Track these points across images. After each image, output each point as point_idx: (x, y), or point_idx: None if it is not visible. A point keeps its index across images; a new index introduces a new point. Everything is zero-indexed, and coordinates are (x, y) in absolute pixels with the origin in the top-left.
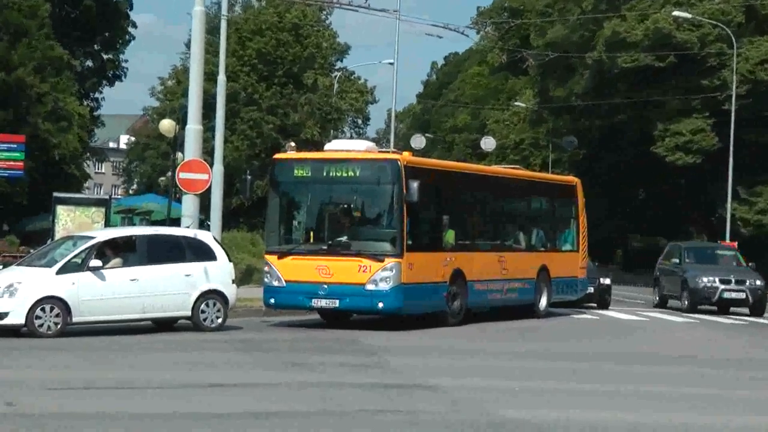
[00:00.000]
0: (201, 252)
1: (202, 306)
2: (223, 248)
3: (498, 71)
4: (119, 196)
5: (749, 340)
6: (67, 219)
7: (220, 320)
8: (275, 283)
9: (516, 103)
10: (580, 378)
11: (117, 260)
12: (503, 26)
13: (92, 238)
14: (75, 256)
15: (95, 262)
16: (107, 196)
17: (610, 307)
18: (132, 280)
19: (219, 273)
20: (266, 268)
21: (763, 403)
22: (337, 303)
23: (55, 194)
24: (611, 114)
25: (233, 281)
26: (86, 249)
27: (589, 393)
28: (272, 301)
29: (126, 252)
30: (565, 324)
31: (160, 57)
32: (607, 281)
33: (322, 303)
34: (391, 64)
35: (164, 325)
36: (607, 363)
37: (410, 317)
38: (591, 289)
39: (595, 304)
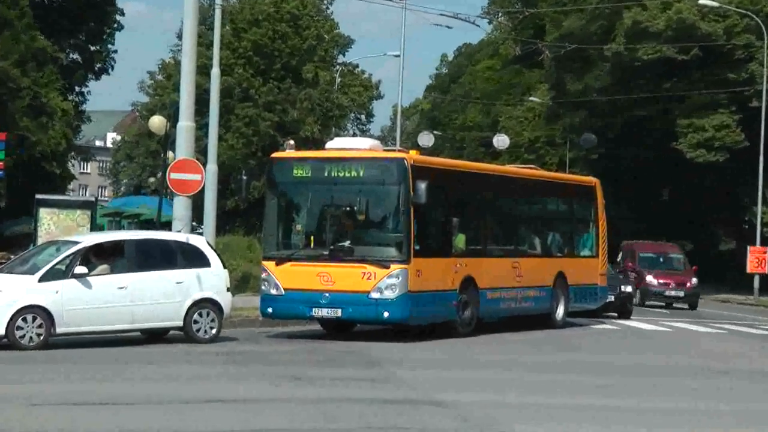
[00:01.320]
0: (193, 258)
1: (195, 315)
2: (218, 254)
3: (511, 64)
4: (106, 198)
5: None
6: (50, 222)
7: (214, 331)
8: (273, 292)
9: (530, 99)
10: (602, 393)
11: (104, 267)
12: (517, 16)
13: (77, 243)
14: (59, 263)
15: (80, 269)
16: (93, 198)
17: (632, 317)
18: (120, 288)
19: (213, 280)
20: (263, 275)
21: None
22: (339, 313)
23: (38, 196)
24: (632, 109)
25: (228, 289)
26: (71, 255)
27: (611, 409)
28: (270, 310)
29: (113, 258)
30: (584, 335)
31: (151, 49)
32: (629, 289)
33: (324, 312)
34: (397, 56)
35: (154, 336)
36: (630, 376)
37: (418, 328)
38: (611, 298)
39: (615, 314)
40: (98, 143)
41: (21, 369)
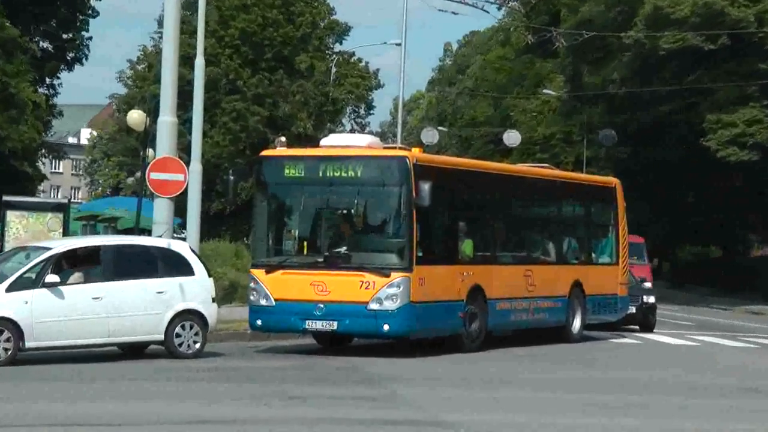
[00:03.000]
0: (176, 265)
1: (177, 328)
2: (202, 261)
3: (523, 54)
4: (80, 201)
5: None
6: (18, 227)
7: (198, 345)
8: (263, 302)
9: (544, 91)
10: (622, 413)
11: (78, 275)
12: (529, 1)
13: (48, 249)
14: (28, 271)
15: (52, 278)
16: (66, 200)
17: (655, 330)
18: (95, 298)
19: (197, 290)
20: (252, 285)
21: None
22: (335, 325)
23: (5, 197)
24: (654, 104)
25: (214, 300)
26: (41, 262)
27: (632, 430)
28: (259, 323)
29: (88, 266)
30: (602, 349)
31: (129, 36)
32: (652, 299)
33: (318, 325)
34: (399, 45)
35: (133, 351)
36: (653, 394)
37: (421, 342)
38: (633, 309)
39: (637, 327)
40: (71, 140)
41: None
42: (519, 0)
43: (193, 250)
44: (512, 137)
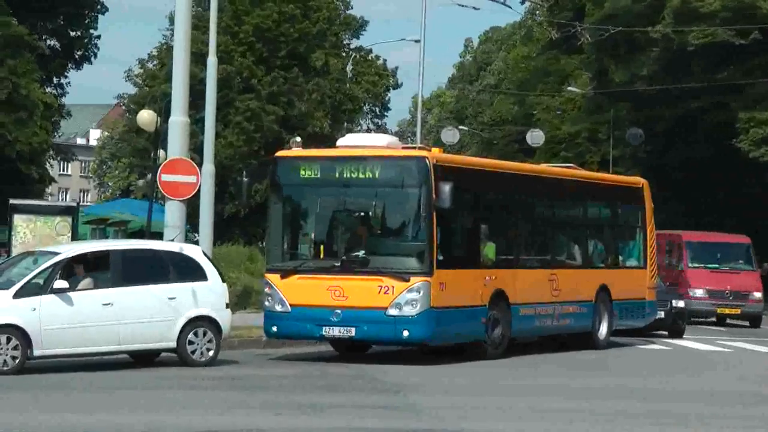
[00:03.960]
0: (188, 270)
1: (190, 336)
2: (216, 266)
3: (547, 50)
4: (89, 204)
5: None
6: (26, 231)
7: (211, 353)
8: (278, 308)
9: (569, 88)
10: (653, 423)
11: (87, 281)
12: None
13: (57, 254)
14: (36, 276)
15: (61, 283)
16: (74, 203)
17: (684, 336)
18: (105, 304)
19: (210, 296)
20: (267, 290)
21: None
22: (353, 332)
23: (12, 201)
24: (683, 101)
25: (227, 305)
26: (50, 267)
27: None
28: (274, 329)
29: (98, 271)
30: (631, 356)
31: (139, 34)
32: (681, 304)
33: (335, 332)
34: (417, 42)
35: (144, 359)
36: (685, 403)
37: (441, 349)
38: (661, 314)
39: (666, 332)
40: (80, 141)
41: None
42: None
43: (206, 255)
44: (535, 136)
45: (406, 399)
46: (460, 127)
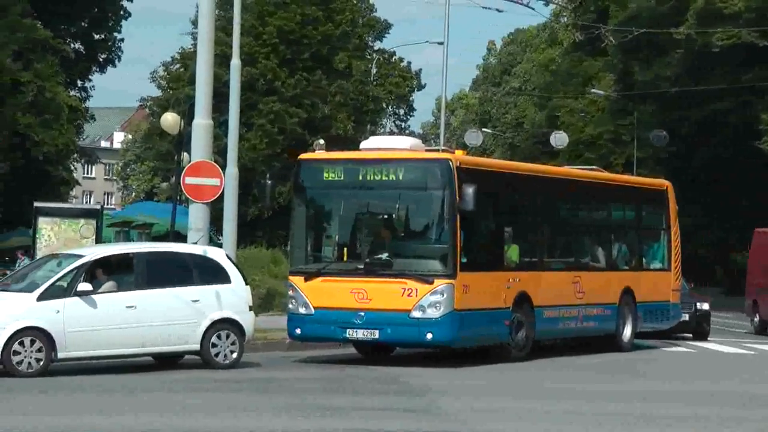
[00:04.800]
0: (211, 273)
1: (213, 338)
2: (239, 268)
3: (572, 52)
4: (113, 206)
5: None
6: (50, 234)
7: (234, 355)
8: (302, 311)
9: (593, 90)
10: (680, 426)
11: (110, 283)
12: None
13: (81, 256)
14: (60, 279)
15: (84, 286)
16: (98, 206)
17: (709, 338)
18: (128, 307)
19: (233, 298)
20: (290, 293)
21: None
22: (376, 334)
23: (37, 204)
24: (707, 103)
25: (251, 308)
26: (73, 270)
27: None
28: (298, 332)
29: (121, 273)
30: (655, 359)
31: (164, 36)
32: (706, 306)
33: (359, 334)
34: (441, 44)
35: (168, 361)
36: (707, 406)
37: (465, 351)
38: (686, 317)
39: (690, 335)
40: (104, 144)
41: (17, 399)
42: None
43: (229, 257)
44: (559, 138)
45: (431, 402)
46: (484, 129)
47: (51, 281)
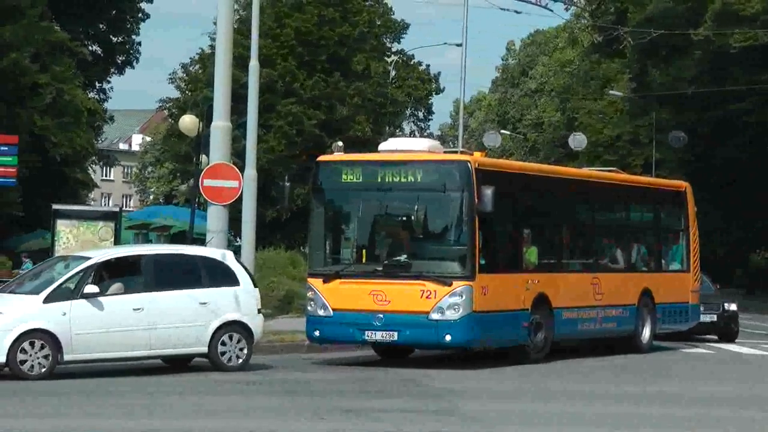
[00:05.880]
0: (220, 275)
1: (222, 340)
2: (248, 271)
3: (591, 53)
4: (131, 209)
5: None
6: (69, 236)
7: (243, 358)
8: (320, 312)
9: (610, 92)
10: (697, 427)
11: (118, 285)
12: None
13: (88, 258)
14: (67, 281)
15: (91, 288)
16: (117, 208)
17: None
18: (136, 309)
19: (242, 301)
20: (309, 294)
21: None
22: (395, 336)
23: (55, 206)
24: (727, 103)
25: (260, 311)
26: (80, 272)
27: None
28: (317, 333)
29: (129, 275)
30: (675, 360)
31: (183, 38)
32: (733, 307)
33: (378, 336)
34: (459, 45)
35: (177, 363)
36: (728, 407)
37: (484, 353)
38: (714, 318)
39: (716, 336)
40: (122, 146)
41: (24, 402)
42: None
43: (238, 260)
44: (578, 140)
45: (452, 404)
46: (503, 131)
47: (57, 283)
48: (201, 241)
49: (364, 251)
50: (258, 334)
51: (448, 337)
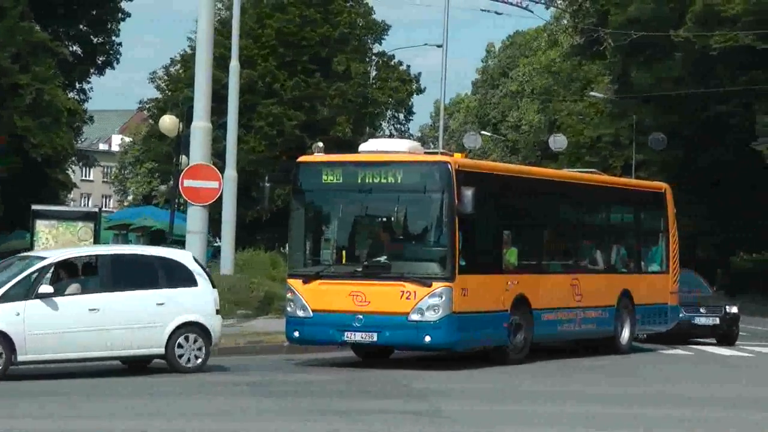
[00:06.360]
0: (178, 276)
1: (179, 342)
2: (206, 272)
3: (573, 55)
4: (111, 209)
5: None
6: (48, 237)
7: (200, 359)
8: (300, 313)
9: (591, 93)
10: (679, 427)
11: (74, 286)
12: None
13: (43, 258)
14: (21, 281)
15: (46, 288)
16: (96, 209)
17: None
18: (92, 309)
19: (200, 302)
20: (289, 295)
21: None
22: (375, 337)
23: (34, 207)
24: (708, 105)
25: (218, 312)
26: (35, 272)
27: None
28: (296, 334)
29: (86, 276)
30: (654, 361)
31: (163, 39)
32: (735, 310)
33: (357, 337)
34: (440, 46)
35: (137, 365)
36: (709, 408)
37: (464, 354)
38: (716, 320)
39: (713, 340)
40: (102, 147)
41: None
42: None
43: (197, 260)
44: (558, 141)
45: (434, 405)
46: (483, 132)
47: (12, 283)
48: (181, 242)
49: (343, 252)
50: (216, 335)
51: (427, 338)
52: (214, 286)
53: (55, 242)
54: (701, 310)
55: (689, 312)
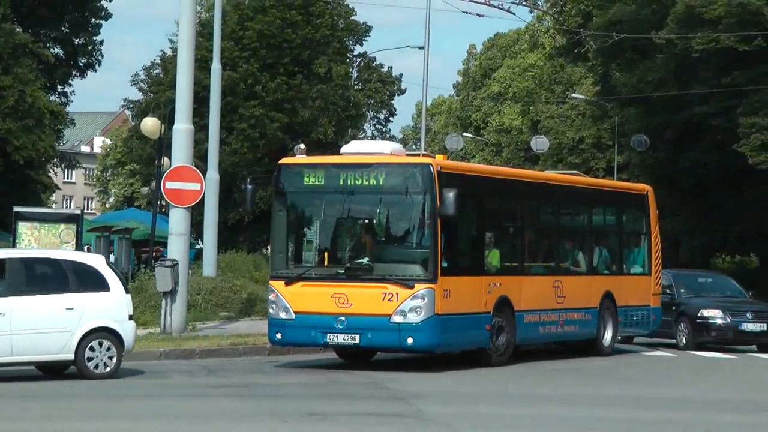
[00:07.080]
0: (89, 280)
1: (89, 347)
2: (119, 276)
3: (555, 57)
4: (93, 211)
5: None
6: (30, 238)
7: (111, 367)
8: (282, 315)
9: (573, 95)
10: (658, 429)
11: None
12: (559, 1)
13: None
14: None
15: None
16: (79, 211)
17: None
18: None
19: (112, 307)
20: (271, 297)
21: None
22: (357, 339)
23: (16, 208)
24: (691, 107)
25: (131, 317)
26: None
27: None
28: (279, 336)
29: None
30: (636, 363)
31: (143, 41)
32: None
33: (340, 339)
34: (422, 48)
35: (51, 371)
36: (691, 410)
37: (446, 355)
38: (764, 327)
39: (755, 347)
40: (84, 149)
41: None
42: (548, 1)
43: (109, 265)
44: (540, 143)
45: (415, 407)
46: (465, 134)
47: None
48: (164, 243)
49: (326, 254)
50: (129, 340)
51: (410, 340)
52: (127, 291)
53: (37, 244)
54: (748, 315)
55: (736, 318)
